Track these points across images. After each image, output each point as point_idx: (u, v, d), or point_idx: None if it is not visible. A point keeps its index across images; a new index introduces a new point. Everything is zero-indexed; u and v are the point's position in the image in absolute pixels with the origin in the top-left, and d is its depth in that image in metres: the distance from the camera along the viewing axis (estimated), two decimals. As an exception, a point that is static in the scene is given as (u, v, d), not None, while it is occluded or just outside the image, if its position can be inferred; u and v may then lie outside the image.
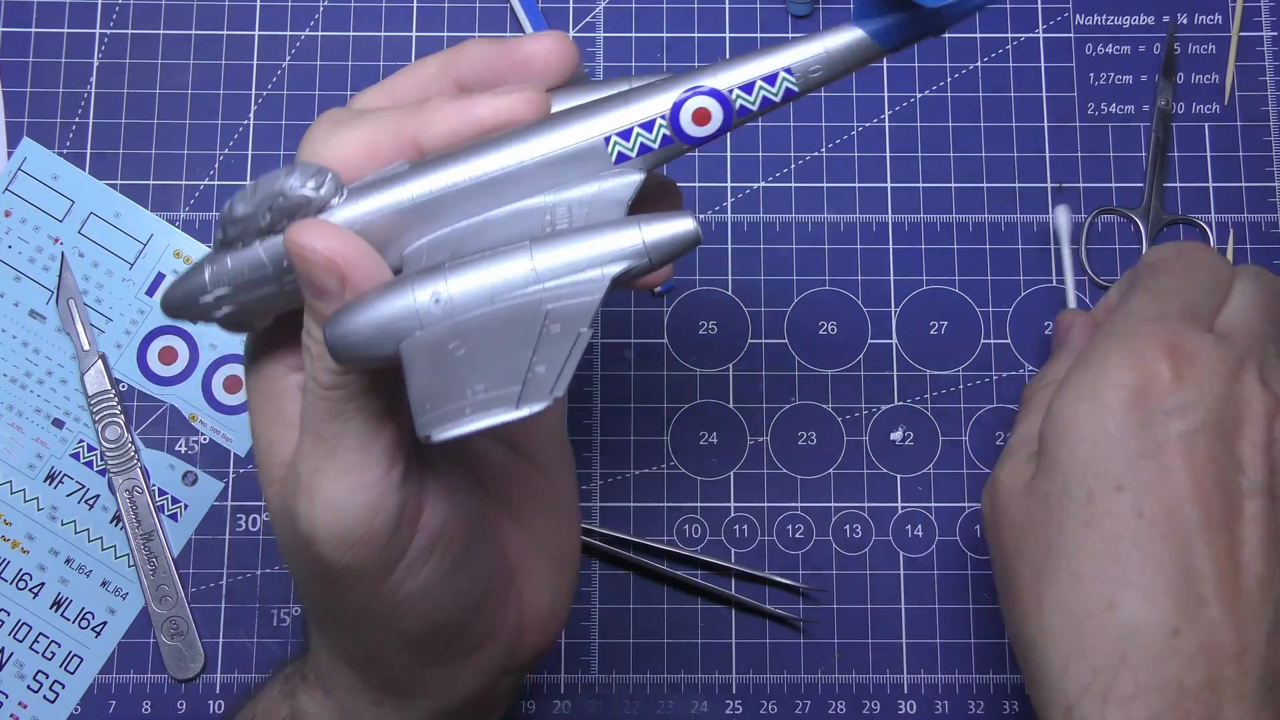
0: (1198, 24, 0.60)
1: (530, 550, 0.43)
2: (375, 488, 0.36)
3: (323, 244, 0.34)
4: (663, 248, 0.33)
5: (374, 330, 0.33)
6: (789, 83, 0.35)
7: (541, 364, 0.30)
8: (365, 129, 0.36)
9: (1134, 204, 0.59)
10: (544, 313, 0.32)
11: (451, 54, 0.38)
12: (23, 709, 0.55)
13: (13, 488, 0.56)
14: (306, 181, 0.35)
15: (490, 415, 0.30)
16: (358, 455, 0.36)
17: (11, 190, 0.58)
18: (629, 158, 0.35)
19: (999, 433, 0.57)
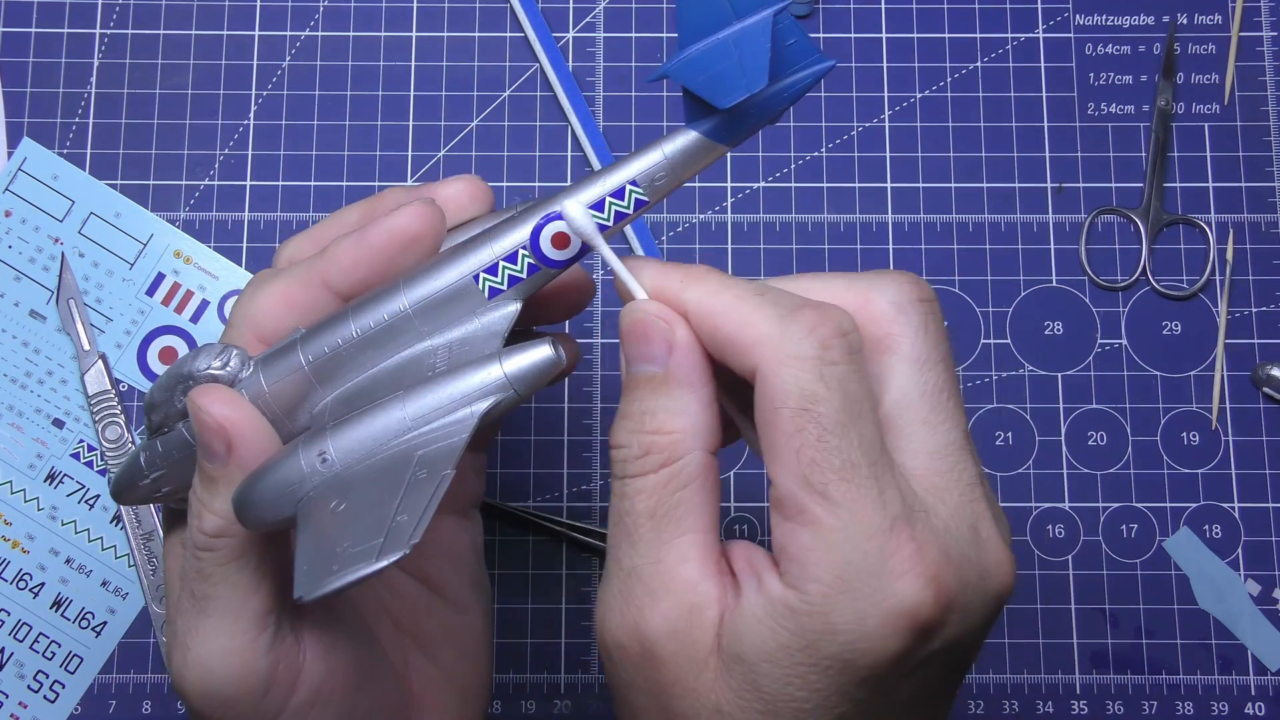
0: (1198, 24, 0.60)
1: (437, 684, 0.44)
2: (245, 652, 0.37)
3: (216, 409, 0.36)
4: (525, 378, 0.35)
5: (272, 494, 0.35)
6: (637, 193, 0.36)
7: (404, 513, 0.32)
8: (280, 284, 0.39)
9: (1134, 204, 0.59)
10: (414, 459, 0.34)
11: (371, 202, 0.41)
12: (23, 709, 0.55)
13: (13, 488, 0.56)
14: (212, 362, 0.37)
15: (354, 571, 0.31)
16: (228, 620, 0.37)
17: (11, 190, 0.58)
18: (501, 291, 0.37)
19: (999, 432, 0.57)
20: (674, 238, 0.58)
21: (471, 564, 0.46)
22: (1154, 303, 0.58)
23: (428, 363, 0.36)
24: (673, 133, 0.35)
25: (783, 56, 0.34)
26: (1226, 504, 0.56)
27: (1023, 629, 0.55)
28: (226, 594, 0.37)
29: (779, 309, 0.33)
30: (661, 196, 0.36)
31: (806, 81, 0.34)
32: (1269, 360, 0.57)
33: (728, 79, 0.33)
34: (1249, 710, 0.55)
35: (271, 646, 0.38)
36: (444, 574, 0.45)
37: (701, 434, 0.34)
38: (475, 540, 0.47)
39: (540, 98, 0.59)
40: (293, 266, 0.39)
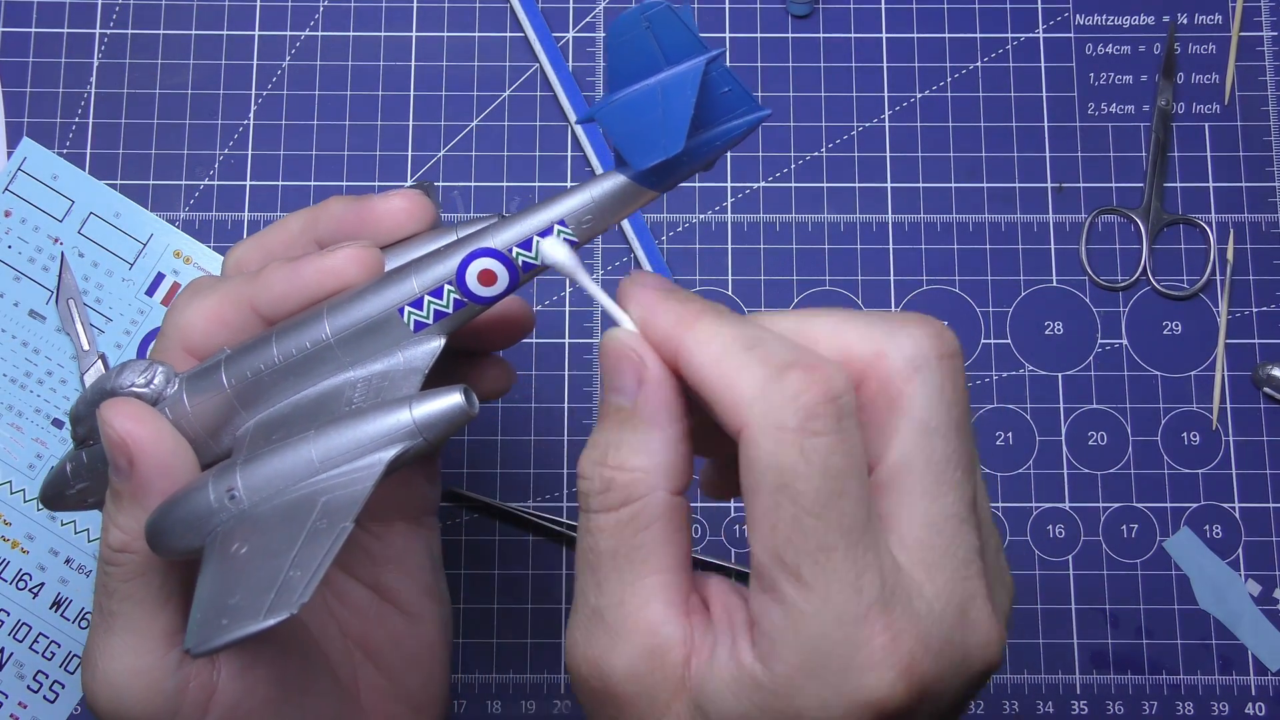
0: (1198, 24, 0.60)
1: (387, 695, 0.43)
2: (152, 671, 0.37)
3: (119, 424, 0.36)
4: (434, 426, 0.34)
5: (182, 524, 0.35)
6: (565, 233, 0.35)
7: (297, 568, 0.32)
8: (213, 299, 0.38)
9: (1134, 204, 0.59)
10: (317, 505, 0.33)
11: (314, 211, 0.40)
12: (23, 709, 0.55)
13: (13, 488, 0.56)
14: (136, 378, 0.37)
15: (240, 628, 0.31)
16: (133, 637, 0.37)
17: (11, 190, 0.58)
18: (426, 325, 0.36)
19: (999, 432, 0.57)
20: (674, 238, 0.58)
21: (426, 572, 0.45)
22: (1154, 303, 0.58)
23: (346, 395, 0.36)
24: (602, 175, 0.35)
25: (716, 104, 0.33)
26: (1227, 504, 0.56)
27: (1023, 629, 0.55)
28: (130, 611, 0.37)
29: (766, 368, 0.30)
30: (590, 237, 0.35)
31: (740, 130, 0.33)
32: (1269, 360, 0.57)
33: (646, 138, 0.33)
34: (1249, 710, 0.55)
35: (180, 664, 0.37)
36: (396, 582, 0.44)
37: (666, 474, 0.33)
38: (431, 548, 0.46)
39: (540, 98, 0.59)
40: (228, 283, 0.39)
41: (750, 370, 0.31)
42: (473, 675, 0.55)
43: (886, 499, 0.31)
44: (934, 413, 0.31)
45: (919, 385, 0.31)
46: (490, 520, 0.56)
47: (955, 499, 0.31)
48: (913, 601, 0.30)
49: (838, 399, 0.30)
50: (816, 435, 0.30)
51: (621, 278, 0.35)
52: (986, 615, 0.32)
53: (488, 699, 0.55)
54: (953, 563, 0.31)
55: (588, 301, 0.58)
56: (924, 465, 0.31)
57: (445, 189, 0.59)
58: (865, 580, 0.30)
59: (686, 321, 0.32)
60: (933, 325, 0.32)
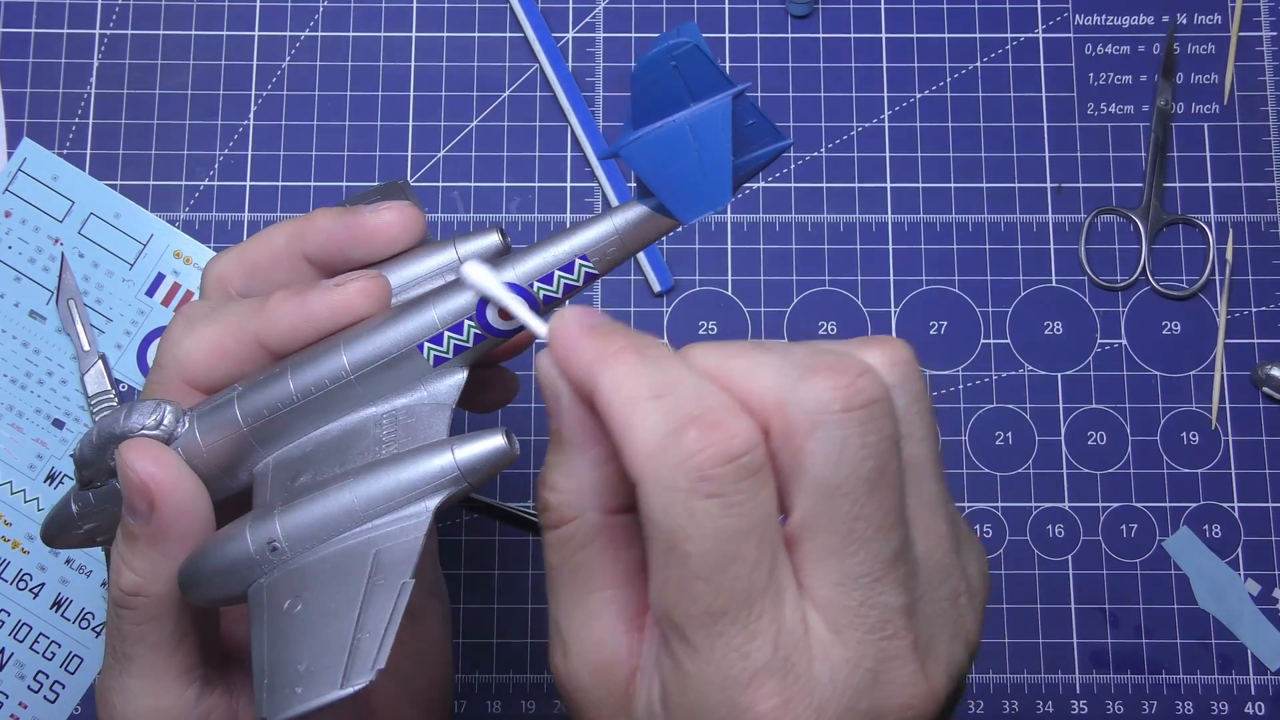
0: (1197, 24, 0.60)
1: (395, 697, 0.43)
2: (171, 711, 0.37)
3: (141, 466, 0.35)
4: (477, 469, 0.34)
5: (218, 574, 0.34)
6: (587, 267, 0.35)
7: (365, 632, 0.31)
8: (215, 330, 0.37)
9: (1134, 204, 0.59)
10: (369, 558, 0.33)
11: (300, 224, 0.39)
12: (23, 709, 0.55)
13: (13, 488, 0.56)
14: (145, 420, 0.36)
15: (320, 696, 0.31)
16: (150, 679, 0.37)
17: (11, 190, 0.58)
18: (446, 359, 0.36)
19: (999, 432, 0.57)
20: (674, 238, 0.58)
21: (428, 571, 0.45)
22: (1154, 303, 0.58)
23: (373, 433, 0.35)
24: (624, 206, 0.35)
25: (742, 136, 0.33)
26: (1226, 504, 0.56)
27: (1023, 629, 0.55)
28: (145, 654, 0.37)
29: (667, 421, 0.29)
30: (610, 267, 0.35)
31: (763, 159, 0.33)
32: (1269, 360, 0.57)
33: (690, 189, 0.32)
34: (1249, 710, 0.55)
35: (199, 700, 0.37)
36: None
37: (593, 494, 0.32)
38: (429, 545, 0.45)
39: (540, 98, 0.59)
40: (228, 313, 0.38)
41: (650, 421, 0.29)
42: (473, 675, 0.55)
43: (797, 553, 0.30)
44: (835, 472, 0.29)
45: (818, 442, 0.29)
46: (490, 520, 0.56)
47: (865, 557, 0.29)
48: (813, 665, 0.29)
49: (737, 458, 0.29)
50: (709, 497, 0.28)
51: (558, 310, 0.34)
52: (908, 675, 0.30)
53: (488, 699, 0.55)
54: (865, 624, 0.30)
55: (587, 302, 0.58)
56: (827, 525, 0.29)
57: (445, 189, 0.59)
58: (754, 645, 0.29)
59: (604, 360, 0.31)
60: (844, 373, 0.30)
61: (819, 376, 0.30)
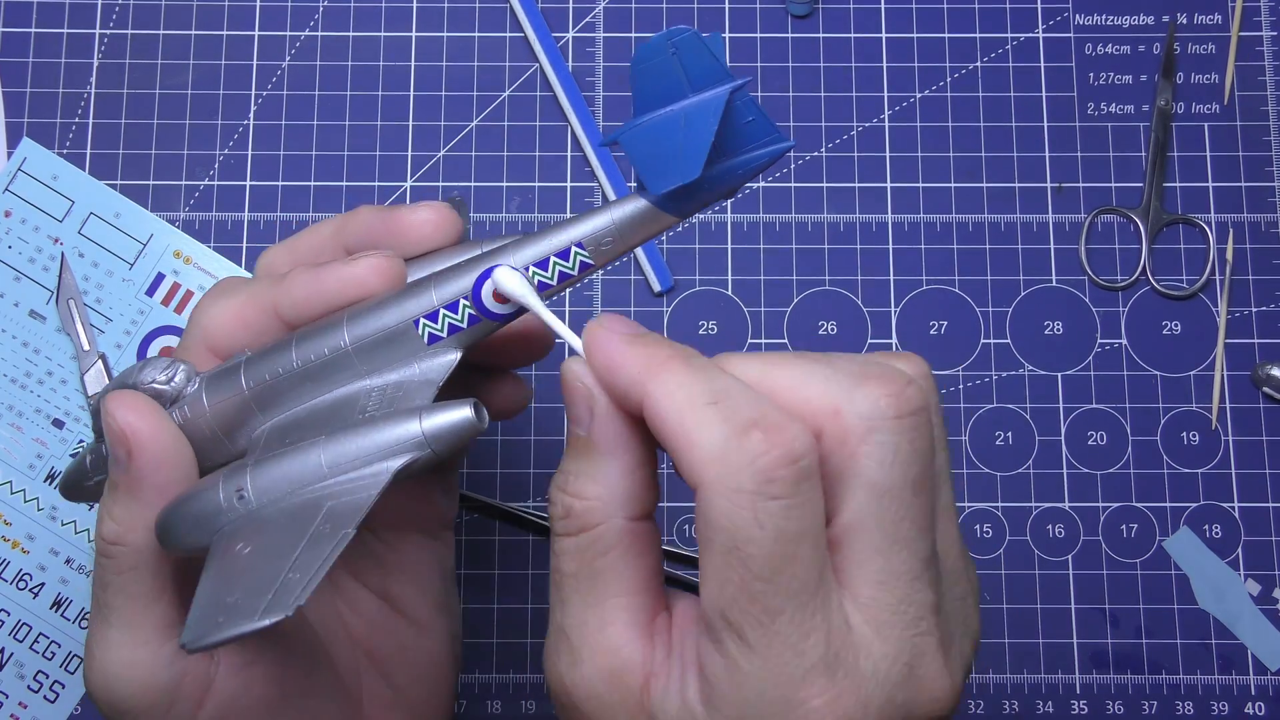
0: (1198, 24, 0.60)
1: (391, 706, 0.43)
2: (147, 664, 0.37)
3: (121, 415, 0.36)
4: (443, 438, 0.34)
5: (189, 522, 0.35)
6: (582, 256, 0.35)
7: (296, 571, 0.32)
8: (238, 300, 0.39)
9: (1134, 204, 0.59)
10: (322, 510, 0.34)
11: (345, 218, 0.41)
12: (23, 709, 0.55)
13: (13, 488, 0.56)
14: (157, 375, 0.38)
15: (235, 627, 0.31)
16: (128, 630, 0.37)
17: (11, 190, 0.58)
18: (441, 338, 0.36)
19: (999, 432, 0.57)
20: (674, 238, 0.58)
21: (436, 585, 0.45)
22: (1154, 302, 0.58)
23: (361, 403, 0.36)
24: (623, 199, 0.35)
25: (740, 133, 0.33)
26: (1226, 504, 0.56)
27: (1023, 629, 0.55)
28: (124, 604, 0.37)
29: (727, 426, 0.30)
30: (608, 260, 0.35)
31: (762, 160, 0.33)
32: (1269, 360, 0.57)
33: (665, 164, 0.33)
34: (1249, 710, 0.55)
35: (175, 658, 0.37)
36: (406, 593, 0.44)
37: (621, 501, 0.33)
38: (443, 561, 0.46)
39: (540, 98, 0.59)
40: (253, 285, 0.40)
41: (711, 427, 0.30)
42: (473, 675, 0.55)
43: (840, 555, 0.31)
44: (887, 475, 0.31)
45: (873, 446, 0.31)
46: (490, 520, 0.56)
47: (908, 556, 0.31)
48: (859, 661, 0.30)
49: (797, 461, 0.30)
50: (772, 499, 0.30)
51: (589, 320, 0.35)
52: (937, 670, 0.32)
53: (488, 699, 0.55)
54: (903, 620, 0.31)
55: (587, 302, 0.58)
56: (875, 525, 0.31)
57: (445, 189, 0.59)
58: (809, 643, 0.30)
59: (652, 369, 0.32)
60: (894, 382, 0.32)
61: (872, 384, 0.31)
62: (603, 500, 0.33)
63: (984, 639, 0.55)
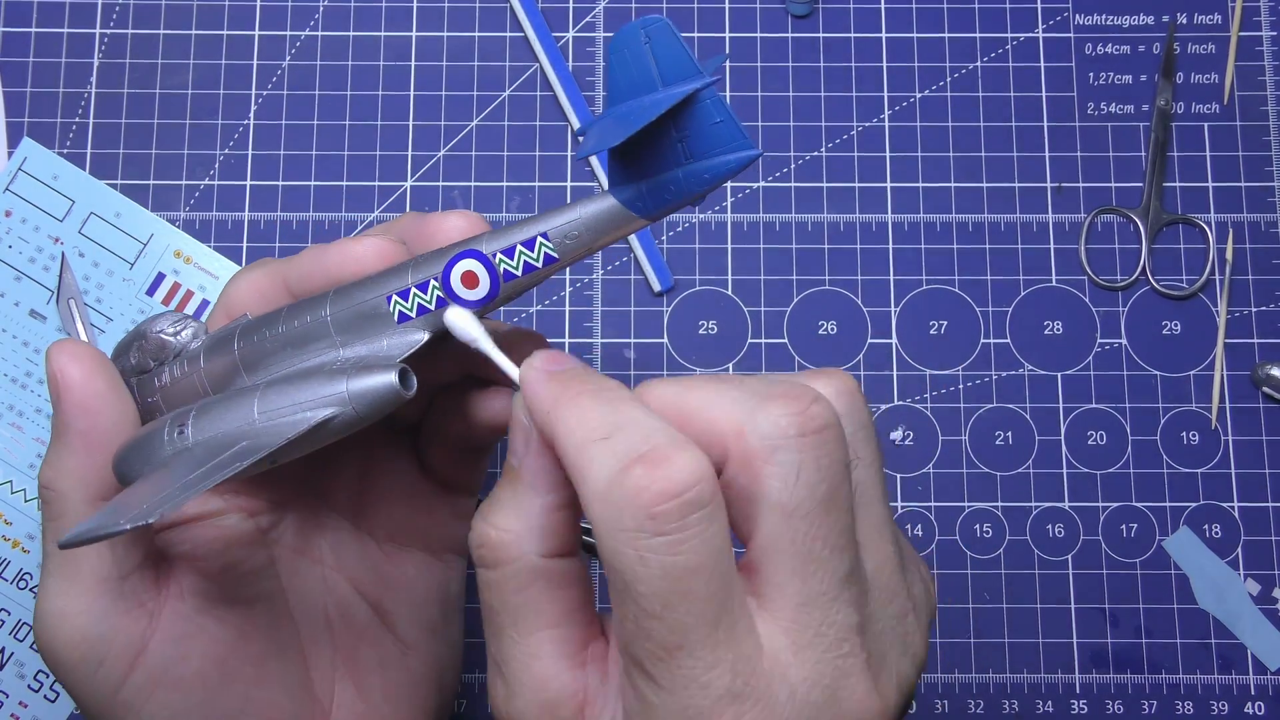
0: (1197, 24, 0.60)
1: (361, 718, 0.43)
2: (78, 616, 0.38)
3: (56, 361, 0.38)
4: (364, 398, 0.35)
5: (135, 457, 0.37)
6: (547, 247, 0.35)
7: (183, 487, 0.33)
8: (259, 274, 0.41)
9: (1133, 204, 0.59)
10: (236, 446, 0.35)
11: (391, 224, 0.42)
12: (23, 709, 0.55)
13: (13, 487, 0.56)
14: (166, 327, 0.40)
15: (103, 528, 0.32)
16: (62, 581, 0.38)
17: (12, 190, 0.58)
18: (409, 318, 0.37)
19: (998, 432, 0.57)
20: (674, 238, 0.58)
21: (431, 607, 0.45)
22: (1154, 302, 0.58)
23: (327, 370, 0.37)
24: (594, 196, 0.35)
25: (706, 135, 0.32)
26: (1226, 503, 0.56)
27: (1023, 629, 0.56)
28: (56, 553, 0.38)
29: (613, 462, 0.30)
30: (572, 257, 0.35)
31: (730, 166, 0.32)
32: (1269, 360, 0.57)
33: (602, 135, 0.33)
34: (1249, 710, 0.55)
35: (109, 614, 0.38)
36: (398, 609, 0.44)
37: (538, 538, 0.33)
38: (444, 585, 0.45)
39: (540, 98, 0.60)
40: (275, 261, 0.41)
41: (600, 464, 0.30)
42: (473, 675, 0.55)
43: (757, 578, 0.31)
44: (792, 494, 0.30)
45: (775, 466, 0.30)
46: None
47: (824, 576, 0.30)
48: (772, 688, 0.30)
49: (681, 495, 0.29)
50: (656, 536, 0.29)
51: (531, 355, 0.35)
52: (864, 691, 0.31)
53: (488, 699, 0.55)
54: (823, 643, 0.30)
55: (587, 301, 0.58)
56: (788, 546, 0.30)
57: (445, 189, 0.59)
58: (713, 675, 0.29)
59: (560, 403, 0.32)
60: (798, 400, 0.31)
61: (775, 403, 0.31)
62: (516, 535, 0.33)
63: (984, 639, 0.55)
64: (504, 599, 0.33)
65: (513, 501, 0.33)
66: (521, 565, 0.33)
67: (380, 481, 0.44)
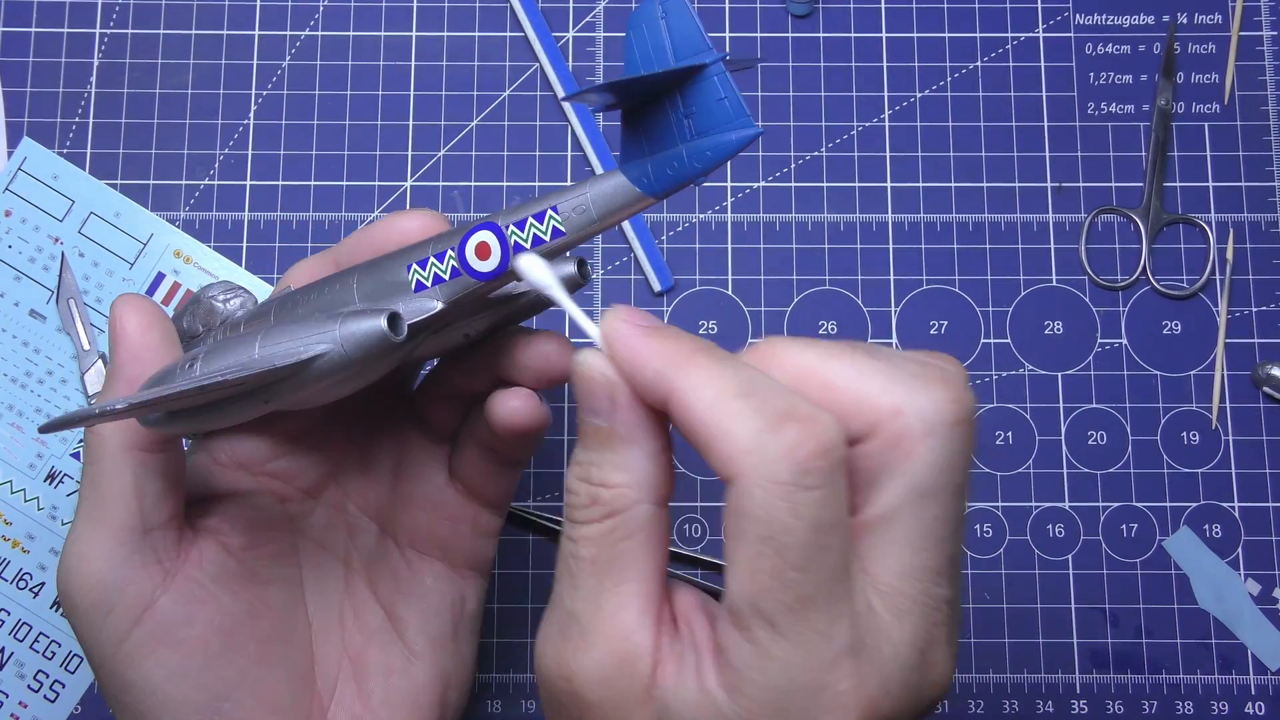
0: (1198, 24, 0.60)
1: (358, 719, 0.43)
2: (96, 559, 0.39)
3: (117, 309, 0.39)
4: (352, 337, 0.36)
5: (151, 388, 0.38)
6: (555, 221, 0.36)
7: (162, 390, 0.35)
8: (312, 260, 0.43)
9: (1134, 204, 0.59)
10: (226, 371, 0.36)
11: None
12: (23, 709, 0.55)
13: (13, 487, 0.56)
14: (218, 293, 0.42)
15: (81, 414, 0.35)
16: (88, 525, 0.39)
17: (11, 190, 0.58)
18: (425, 287, 0.37)
19: (999, 432, 0.57)
20: (674, 237, 0.58)
21: (443, 620, 0.45)
22: (1154, 302, 0.58)
23: None
24: (605, 174, 0.35)
25: (710, 112, 0.33)
26: (1226, 503, 0.56)
27: (1023, 629, 0.55)
28: (90, 495, 0.39)
29: (761, 418, 0.30)
30: (581, 234, 0.36)
31: (732, 144, 0.33)
32: (1269, 360, 0.57)
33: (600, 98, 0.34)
34: (1249, 710, 0.55)
35: (126, 563, 0.39)
36: (409, 617, 0.44)
37: (648, 487, 0.34)
38: (459, 600, 0.45)
39: (540, 98, 0.59)
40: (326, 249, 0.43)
41: (744, 419, 0.31)
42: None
43: (867, 542, 0.32)
44: (936, 477, 0.32)
45: (928, 450, 0.32)
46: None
47: (936, 554, 0.32)
48: (880, 646, 0.31)
49: (830, 452, 0.30)
50: (808, 490, 0.30)
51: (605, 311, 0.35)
52: (944, 657, 0.33)
53: (488, 699, 0.55)
54: (924, 610, 0.32)
55: (587, 302, 0.58)
56: (912, 522, 0.32)
57: (445, 189, 0.59)
58: (838, 629, 0.31)
59: (678, 363, 0.32)
60: (955, 387, 0.32)
61: (936, 388, 0.32)
62: (630, 486, 0.34)
63: (984, 639, 0.55)
64: (608, 549, 0.34)
65: (614, 458, 0.34)
66: (635, 513, 0.34)
67: (410, 487, 0.44)
